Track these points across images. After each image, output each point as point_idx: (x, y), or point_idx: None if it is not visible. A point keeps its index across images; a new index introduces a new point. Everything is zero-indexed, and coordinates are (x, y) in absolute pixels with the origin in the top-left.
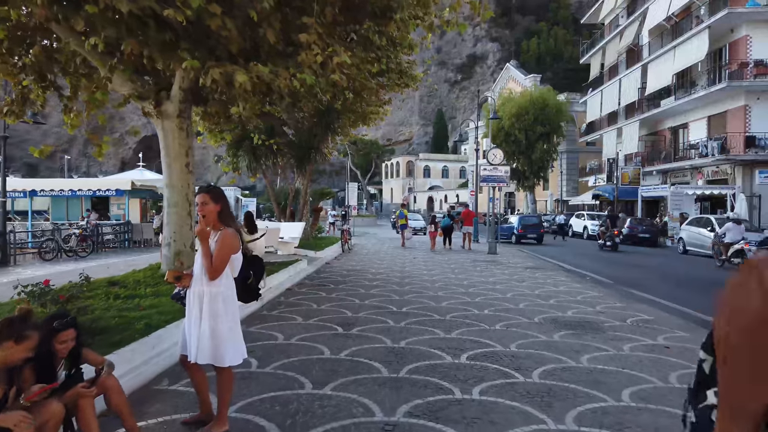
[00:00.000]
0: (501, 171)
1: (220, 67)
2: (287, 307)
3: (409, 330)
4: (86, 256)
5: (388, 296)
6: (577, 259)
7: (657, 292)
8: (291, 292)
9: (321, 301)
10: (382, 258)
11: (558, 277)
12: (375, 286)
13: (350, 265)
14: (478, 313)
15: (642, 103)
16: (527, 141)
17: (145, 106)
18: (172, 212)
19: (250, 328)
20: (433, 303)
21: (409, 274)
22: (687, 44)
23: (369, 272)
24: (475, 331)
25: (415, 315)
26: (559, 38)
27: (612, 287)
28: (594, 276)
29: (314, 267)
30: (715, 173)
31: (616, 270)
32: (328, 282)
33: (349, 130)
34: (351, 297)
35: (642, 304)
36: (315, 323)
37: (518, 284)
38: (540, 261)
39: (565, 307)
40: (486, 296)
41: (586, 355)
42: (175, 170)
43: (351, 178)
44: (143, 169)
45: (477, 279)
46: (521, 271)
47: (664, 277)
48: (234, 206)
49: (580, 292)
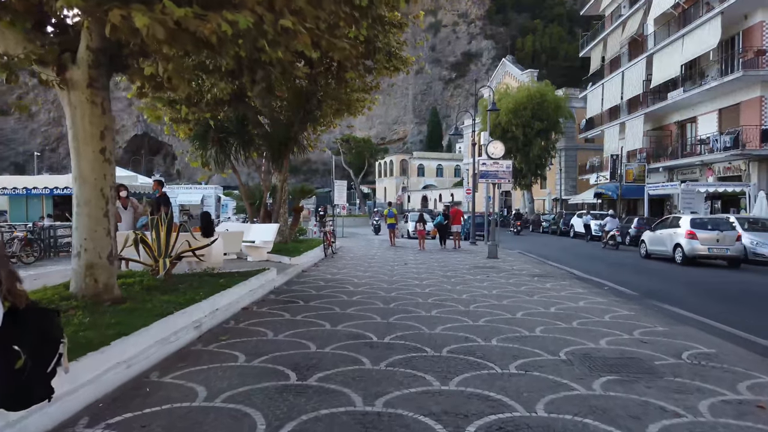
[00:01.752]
0: (502, 166)
1: (122, 9)
2: (232, 338)
3: (391, 377)
4: (32, 263)
5: (369, 318)
6: (585, 262)
7: (693, 307)
8: (247, 313)
9: (280, 327)
10: (369, 263)
11: (573, 288)
12: (355, 302)
13: (330, 273)
14: (484, 345)
15: (647, 97)
16: (525, 137)
17: (45, 73)
18: (82, 213)
19: (165, 378)
20: (426, 328)
21: (397, 285)
22: (697, 32)
23: (351, 282)
24: (484, 378)
25: (400, 349)
26: (555, 35)
27: (639, 301)
28: (612, 285)
29: (286, 277)
30: (727, 169)
31: (633, 276)
32: (297, 297)
33: (331, 119)
34: (321, 320)
35: (688, 327)
36: (260, 366)
37: (528, 299)
38: (547, 267)
39: (594, 334)
40: (491, 317)
41: (652, 426)
42: (85, 158)
43: (345, 178)
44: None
45: (478, 291)
46: (528, 281)
47: (690, 286)
48: (215, 206)
49: (606, 309)
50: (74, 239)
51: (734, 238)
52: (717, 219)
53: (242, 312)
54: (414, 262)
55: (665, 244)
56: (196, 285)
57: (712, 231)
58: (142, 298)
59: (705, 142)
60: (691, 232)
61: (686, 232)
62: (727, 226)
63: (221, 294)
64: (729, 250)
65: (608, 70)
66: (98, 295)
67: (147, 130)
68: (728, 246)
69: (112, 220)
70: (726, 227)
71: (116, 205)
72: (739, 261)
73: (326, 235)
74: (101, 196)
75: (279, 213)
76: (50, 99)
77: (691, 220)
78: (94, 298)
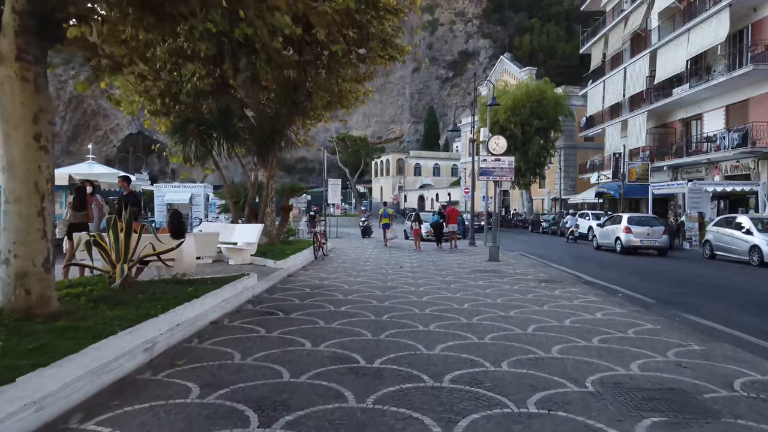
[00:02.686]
0: (504, 162)
1: None
2: (191, 362)
3: (380, 421)
4: None
5: (358, 334)
6: (589, 266)
7: (723, 318)
8: (216, 328)
9: (251, 347)
10: (362, 266)
11: (584, 296)
12: (342, 314)
13: (319, 278)
14: (494, 372)
15: (650, 93)
16: (523, 136)
17: None
18: (11, 211)
19: (88, 424)
20: (423, 348)
21: (391, 292)
22: (704, 26)
23: (340, 289)
24: (497, 420)
25: (393, 377)
26: (552, 34)
27: (660, 311)
28: (626, 291)
29: (268, 283)
30: (734, 168)
31: (645, 280)
32: (278, 308)
33: (322, 112)
34: (302, 337)
35: (727, 345)
36: (215, 404)
37: (538, 309)
38: (552, 270)
39: (622, 355)
40: (498, 332)
41: None
42: (16, 145)
43: (341, 177)
44: (93, 162)
45: (481, 300)
46: (535, 287)
47: (710, 292)
48: (203, 205)
49: (628, 322)
50: (2, 243)
51: (661, 232)
52: (648, 217)
53: (210, 327)
54: (410, 264)
55: (610, 237)
56: (158, 295)
57: (644, 227)
58: (84, 313)
59: (712, 140)
60: (627, 228)
61: (624, 227)
62: (656, 223)
63: (186, 306)
64: (657, 241)
65: (609, 66)
66: (30, 310)
67: (141, 129)
68: (656, 239)
69: (49, 219)
70: (655, 224)
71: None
72: (666, 250)
73: (316, 236)
74: (35, 192)
75: (265, 212)
76: None
77: (628, 218)
78: (25, 313)
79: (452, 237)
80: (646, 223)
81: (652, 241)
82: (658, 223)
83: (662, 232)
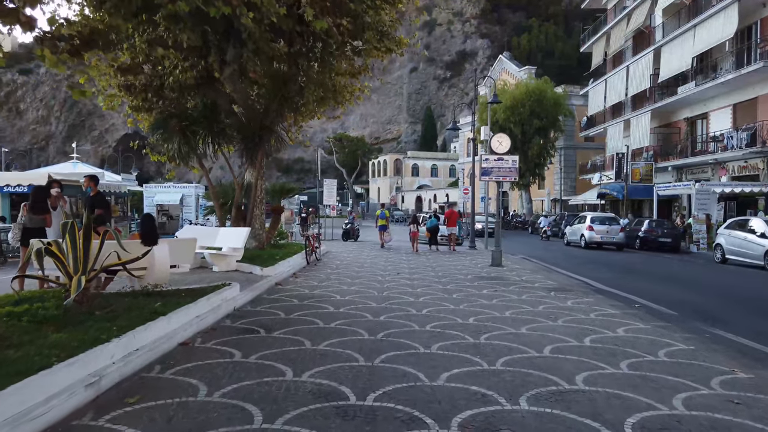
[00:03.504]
0: (508, 162)
1: None
2: (145, 399)
3: None
4: None
5: (348, 359)
6: (595, 270)
7: (757, 333)
8: (184, 351)
9: (221, 377)
10: (357, 272)
11: (600, 307)
12: (332, 331)
13: (309, 287)
14: (512, 412)
15: (654, 92)
16: (523, 136)
17: None
18: None
19: None
20: (425, 378)
21: (388, 304)
22: (711, 22)
23: (332, 300)
24: None
25: (389, 420)
26: (550, 34)
27: (687, 325)
28: (642, 302)
29: (253, 293)
30: (742, 168)
31: (659, 287)
32: (260, 324)
33: (315, 108)
34: (282, 362)
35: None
36: None
37: (552, 325)
38: (558, 276)
39: (659, 387)
40: (511, 355)
41: None
42: None
43: (338, 178)
44: (77, 161)
45: (487, 313)
46: (544, 296)
47: (732, 301)
48: (194, 206)
49: (656, 341)
50: None
51: (618, 230)
52: (608, 216)
53: (178, 350)
54: (408, 270)
55: (576, 234)
56: (120, 311)
57: (604, 225)
58: (19, 338)
59: (718, 140)
60: (590, 227)
61: (587, 226)
62: (615, 223)
63: (149, 325)
64: (615, 238)
65: (610, 65)
66: None
67: (138, 129)
68: (614, 236)
69: None
70: (613, 223)
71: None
72: (622, 246)
73: (309, 239)
74: None
75: (254, 214)
76: (38, 97)
77: (591, 218)
78: None
79: (451, 240)
80: (606, 223)
81: (611, 237)
82: (616, 222)
83: (619, 230)
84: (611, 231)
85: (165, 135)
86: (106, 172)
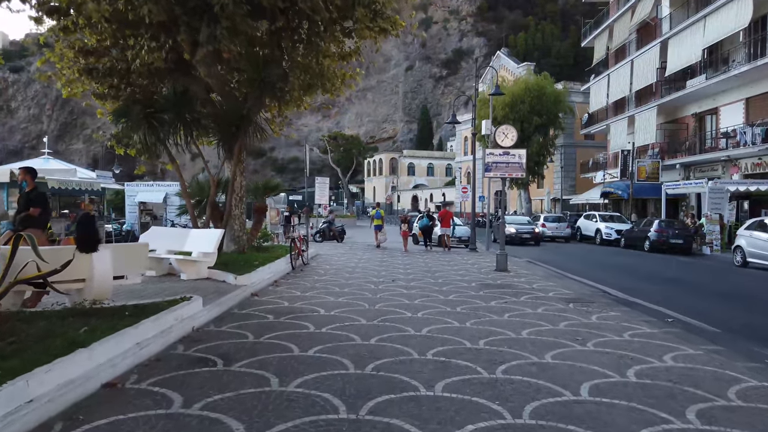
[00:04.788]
0: (515, 156)
1: None
2: None
3: None
4: None
5: (327, 407)
6: (609, 274)
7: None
8: (107, 396)
9: None
10: (347, 278)
11: (631, 324)
12: (310, 362)
13: (290, 298)
14: None
15: (660, 87)
16: (522, 133)
17: None
18: None
19: None
20: None
21: (380, 321)
22: (722, 11)
23: (314, 316)
24: None
25: None
26: (547, 33)
27: (743, 349)
28: (673, 314)
29: (220, 308)
30: (756, 166)
31: (686, 296)
32: (219, 351)
33: (300, 95)
34: (237, 416)
35: None
36: None
37: (582, 350)
38: (572, 283)
39: None
40: (540, 400)
41: None
42: None
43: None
44: (49, 157)
45: (500, 333)
46: (562, 309)
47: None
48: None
49: (717, 373)
50: None
51: (565, 226)
52: (557, 216)
53: (100, 394)
54: (404, 277)
55: None
56: (30, 341)
57: (554, 223)
58: None
59: (730, 136)
60: (543, 224)
61: (540, 224)
62: (562, 220)
63: (57, 363)
64: (562, 233)
65: (613, 60)
66: None
67: None
68: (562, 231)
69: None
70: (561, 221)
71: None
72: (569, 239)
73: (294, 242)
74: None
75: (232, 214)
76: (30, 95)
77: (544, 217)
78: None
79: (443, 240)
80: (556, 221)
81: (559, 232)
82: (563, 220)
83: (566, 226)
84: (559, 227)
85: (129, 124)
86: (79, 169)
